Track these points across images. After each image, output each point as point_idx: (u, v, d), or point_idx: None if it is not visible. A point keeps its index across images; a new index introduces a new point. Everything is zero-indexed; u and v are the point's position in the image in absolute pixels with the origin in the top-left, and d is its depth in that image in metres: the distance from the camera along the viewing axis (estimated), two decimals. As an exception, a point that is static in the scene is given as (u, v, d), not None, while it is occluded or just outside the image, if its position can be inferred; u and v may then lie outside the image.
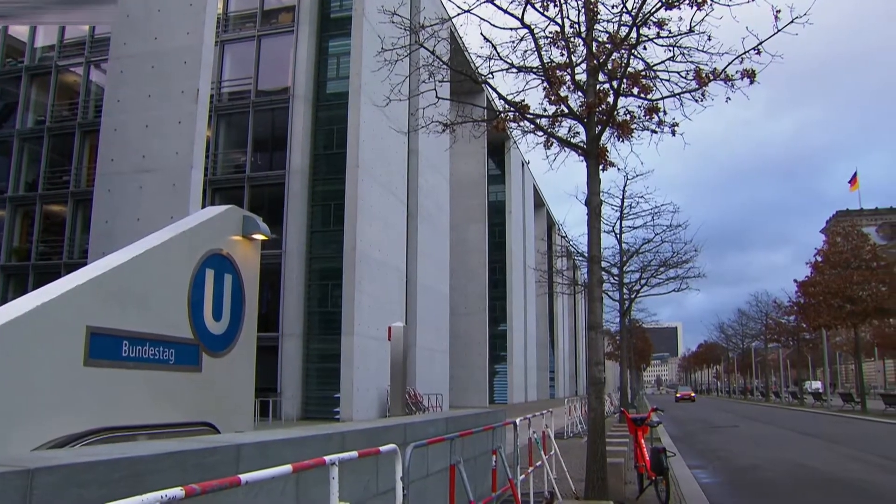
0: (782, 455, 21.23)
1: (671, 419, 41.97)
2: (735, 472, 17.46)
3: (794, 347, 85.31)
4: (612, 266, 29.36)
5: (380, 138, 35.45)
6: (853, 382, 67.60)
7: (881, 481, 15.33)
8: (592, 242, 11.05)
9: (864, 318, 49.95)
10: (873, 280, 47.95)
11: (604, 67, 10.89)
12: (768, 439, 27.47)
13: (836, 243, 53.48)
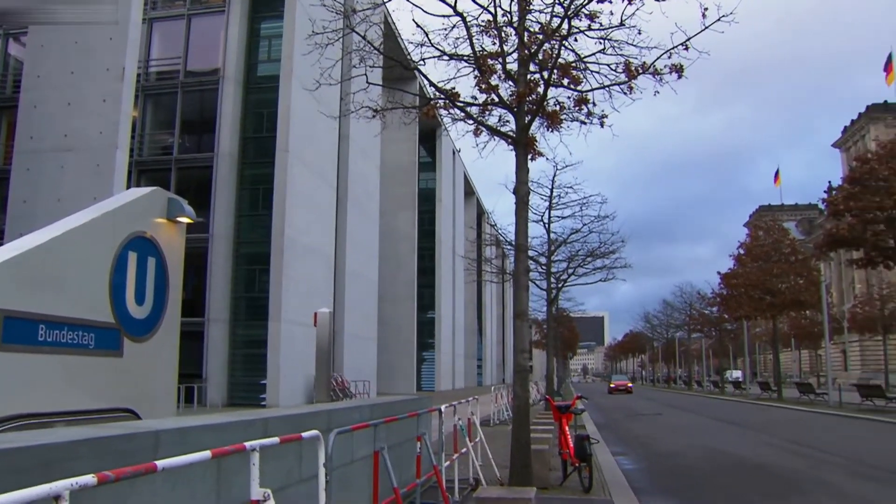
0: (701, 441, 21.75)
1: (596, 407, 42.57)
2: (656, 458, 17.82)
3: (717, 337, 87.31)
4: (539, 255, 29.60)
5: (310, 123, 35.06)
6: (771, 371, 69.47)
7: (789, 465, 15.90)
8: (519, 231, 11.12)
9: (783, 309, 51.39)
10: (792, 273, 49.32)
11: (535, 57, 10.94)
12: (689, 427, 28.08)
13: (758, 237, 54.88)
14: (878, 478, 14.00)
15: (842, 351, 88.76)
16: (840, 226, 33.55)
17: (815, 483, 13.26)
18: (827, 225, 38.13)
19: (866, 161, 34.51)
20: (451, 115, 11.55)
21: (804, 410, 36.14)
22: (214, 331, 34.43)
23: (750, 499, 11.75)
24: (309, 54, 11.14)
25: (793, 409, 37.24)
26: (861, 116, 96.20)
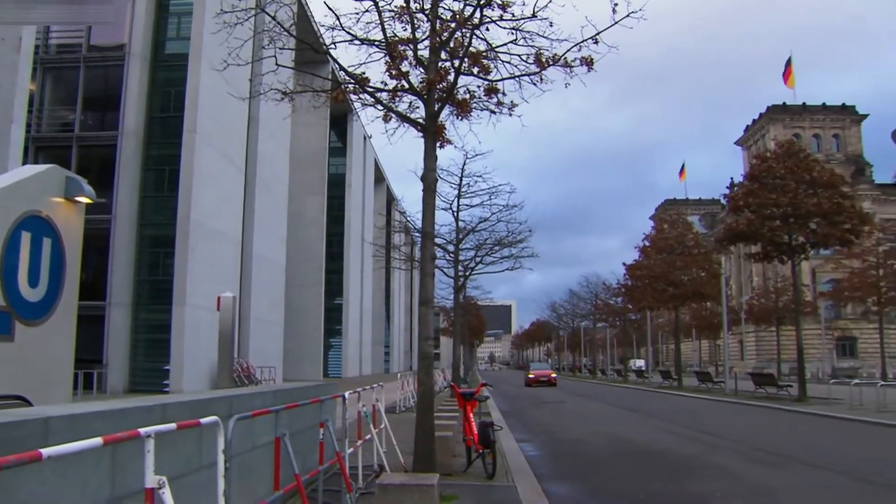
0: (604, 429, 22.21)
1: (501, 395, 43.02)
2: (560, 444, 18.15)
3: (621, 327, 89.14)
4: (448, 243, 29.71)
5: (219, 104, 34.23)
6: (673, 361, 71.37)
7: (686, 450, 16.43)
8: (426, 218, 11.13)
9: (685, 300, 52.82)
10: (694, 265, 50.72)
11: (446, 45, 10.94)
12: (592, 414, 28.63)
13: (663, 230, 56.25)
14: (768, 461, 14.54)
15: (739, 341, 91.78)
16: (739, 221, 34.58)
17: (710, 467, 13.72)
18: (727, 220, 39.28)
19: (765, 160, 35.66)
20: (361, 101, 11.47)
21: (702, 398, 37.25)
22: (116, 315, 33.48)
23: (649, 483, 12.05)
24: (217, 33, 10.90)
25: (692, 397, 38.34)
26: (762, 116, 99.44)
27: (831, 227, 32.41)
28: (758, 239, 34.14)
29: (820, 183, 32.83)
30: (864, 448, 17.14)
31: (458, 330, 37.58)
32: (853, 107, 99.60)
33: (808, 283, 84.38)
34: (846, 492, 11.43)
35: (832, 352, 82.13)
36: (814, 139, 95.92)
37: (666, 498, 10.75)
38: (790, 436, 19.94)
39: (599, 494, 11.35)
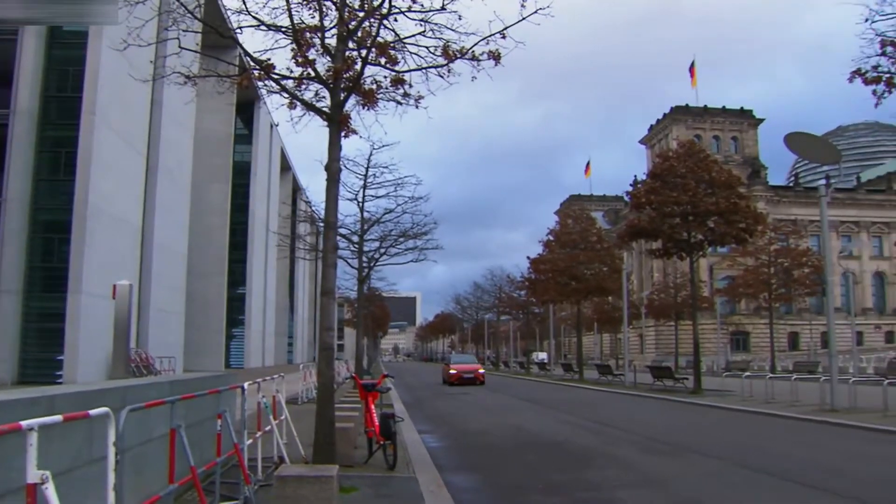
0: (506, 420, 22.43)
1: (404, 386, 43.10)
2: (461, 436, 18.28)
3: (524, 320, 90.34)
4: (352, 234, 29.57)
5: (120, 85, 33.12)
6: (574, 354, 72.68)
7: (585, 441, 16.78)
8: (329, 208, 11.02)
9: (587, 294, 53.73)
10: (596, 261, 51.60)
11: (353, 34, 10.83)
12: (495, 406, 28.89)
13: (566, 225, 57.02)
14: (662, 451, 14.99)
15: (639, 335, 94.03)
16: (641, 218, 35.32)
17: (608, 457, 14.02)
18: (630, 216, 40.09)
19: (667, 159, 36.48)
20: (266, 88, 11.28)
21: (602, 390, 37.99)
22: (5, 302, 32.14)
23: (548, 474, 12.22)
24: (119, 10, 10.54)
25: (592, 390, 39.07)
26: (665, 117, 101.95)
27: (728, 225, 33.39)
28: (658, 236, 34.93)
29: (718, 183, 33.76)
30: (751, 437, 17.76)
31: (361, 321, 37.43)
32: (751, 111, 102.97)
33: (706, 280, 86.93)
34: (731, 478, 11.86)
35: (727, 346, 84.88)
36: (714, 140, 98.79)
37: (564, 488, 10.90)
38: (684, 427, 20.50)
39: (499, 485, 11.46)
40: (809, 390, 25.68)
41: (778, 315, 76.05)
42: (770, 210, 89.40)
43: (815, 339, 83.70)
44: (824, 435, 17.91)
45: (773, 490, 10.90)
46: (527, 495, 10.45)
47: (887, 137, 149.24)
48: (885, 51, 15.85)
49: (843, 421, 19.52)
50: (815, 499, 10.29)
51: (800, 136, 23.53)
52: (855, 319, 68.39)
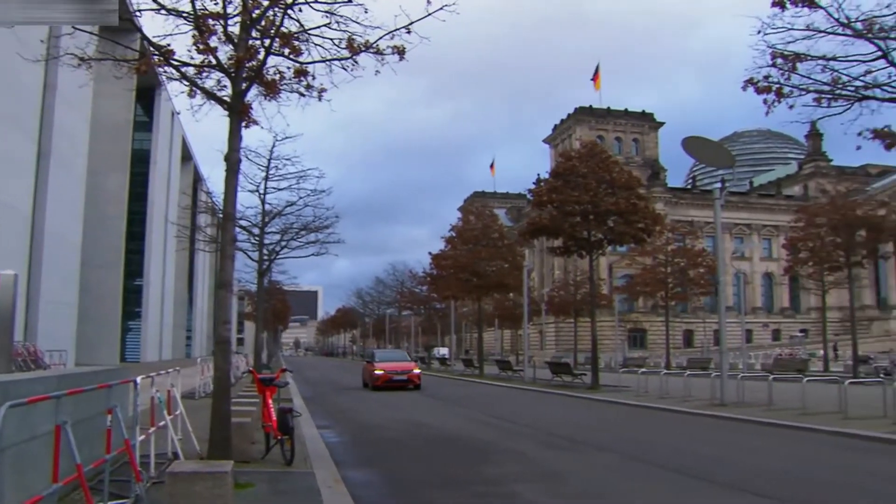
0: (406, 415, 22.43)
1: (304, 381, 42.68)
2: (360, 431, 18.21)
3: (426, 315, 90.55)
4: (253, 226, 29.09)
5: (9, 66, 31.63)
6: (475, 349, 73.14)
7: (484, 436, 16.94)
8: (228, 199, 10.81)
9: (488, 291, 54.12)
10: (498, 257, 51.99)
11: (257, 23, 10.63)
12: (395, 401, 28.81)
13: (469, 221, 57.27)
14: (559, 446, 15.29)
15: (539, 331, 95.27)
16: (543, 216, 35.75)
17: (507, 452, 14.15)
18: (532, 214, 40.53)
19: (570, 158, 37.00)
20: (166, 74, 10.99)
21: (502, 386, 38.35)
22: None
23: (447, 468, 12.30)
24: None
25: (492, 385, 39.41)
26: (569, 117, 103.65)
27: (627, 225, 34.08)
28: (559, 234, 35.40)
29: (619, 183, 34.41)
30: (645, 431, 18.25)
31: (261, 315, 36.84)
32: (652, 114, 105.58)
33: (605, 278, 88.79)
34: (625, 471, 12.20)
35: (624, 343, 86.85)
36: (616, 142, 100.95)
37: (463, 482, 10.97)
38: (581, 421, 20.87)
39: (398, 480, 11.45)
40: (701, 386, 26.49)
41: (674, 313, 78.23)
42: (668, 211, 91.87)
43: (708, 336, 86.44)
44: (714, 428, 18.53)
45: (663, 481, 11.24)
46: (425, 490, 10.47)
47: (778, 145, 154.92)
48: (775, 62, 16.52)
49: (731, 415, 20.22)
50: (702, 488, 10.67)
51: (696, 140, 24.21)
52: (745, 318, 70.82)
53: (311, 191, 28.40)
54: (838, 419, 17.92)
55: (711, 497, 10.20)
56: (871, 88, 16.51)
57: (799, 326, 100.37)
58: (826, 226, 44.68)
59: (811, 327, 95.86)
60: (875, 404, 18.41)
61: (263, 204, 28.32)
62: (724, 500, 9.99)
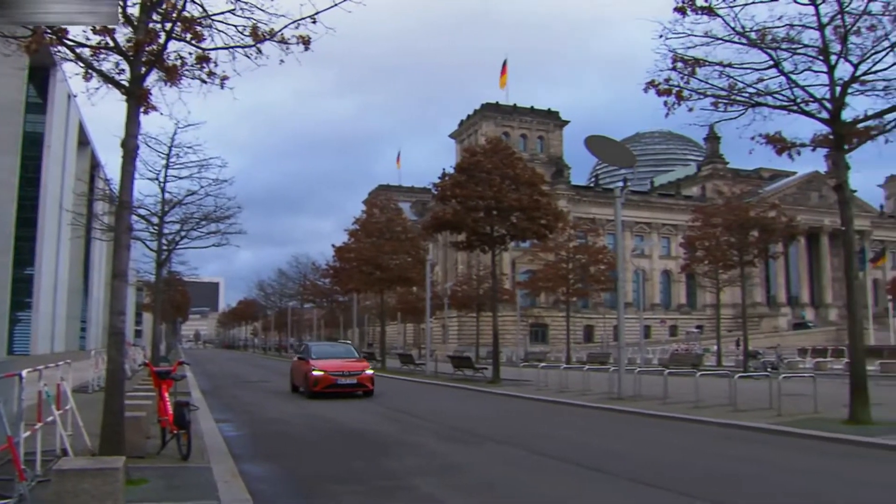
0: (306, 409, 22.25)
1: (203, 374, 41.97)
2: (260, 424, 18.04)
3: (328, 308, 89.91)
4: (152, 214, 28.33)
5: None
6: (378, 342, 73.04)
7: (385, 430, 16.98)
8: (124, 187, 10.48)
9: (391, 284, 54.08)
10: (401, 251, 51.99)
11: (158, 6, 10.33)
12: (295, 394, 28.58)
13: (373, 214, 57.09)
14: (459, 439, 15.41)
15: (442, 325, 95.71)
16: (446, 210, 35.87)
17: (407, 445, 14.22)
18: (436, 208, 40.65)
19: (474, 154, 37.18)
20: (61, 55, 10.58)
21: (404, 379, 38.37)
22: None
23: (347, 462, 12.23)
24: None
25: (394, 379, 39.35)
26: (476, 113, 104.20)
27: (530, 221, 34.45)
28: (462, 228, 35.59)
29: (522, 180, 34.75)
30: (544, 424, 18.56)
31: (159, 306, 35.93)
32: (557, 113, 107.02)
33: (508, 273, 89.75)
34: (523, 463, 12.34)
35: (526, 337, 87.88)
36: (521, 138, 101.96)
37: (363, 476, 10.94)
38: (481, 415, 21.02)
39: (297, 474, 11.37)
40: (600, 380, 27.01)
41: (575, 309, 79.57)
42: (571, 208, 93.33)
43: (608, 331, 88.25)
44: (611, 421, 18.93)
45: (561, 473, 11.43)
46: (324, 484, 10.39)
47: (678, 146, 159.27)
48: (675, 66, 17.08)
49: (627, 408, 20.69)
50: (599, 480, 10.91)
51: (599, 139, 24.65)
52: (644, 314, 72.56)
53: (214, 180, 27.79)
54: (728, 411, 18.57)
55: (608, 488, 10.41)
56: (764, 95, 17.26)
57: (695, 323, 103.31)
58: (721, 226, 46.08)
59: (706, 323, 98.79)
60: (762, 397, 19.09)
61: (163, 192, 27.60)
62: (619, 492, 10.20)
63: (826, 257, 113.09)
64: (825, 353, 53.20)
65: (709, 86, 17.36)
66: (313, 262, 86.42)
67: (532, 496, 9.79)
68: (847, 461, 12.59)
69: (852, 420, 15.93)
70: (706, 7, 16.17)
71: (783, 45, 16.57)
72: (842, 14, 15.79)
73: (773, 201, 61.45)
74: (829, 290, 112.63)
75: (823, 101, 16.81)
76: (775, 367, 39.11)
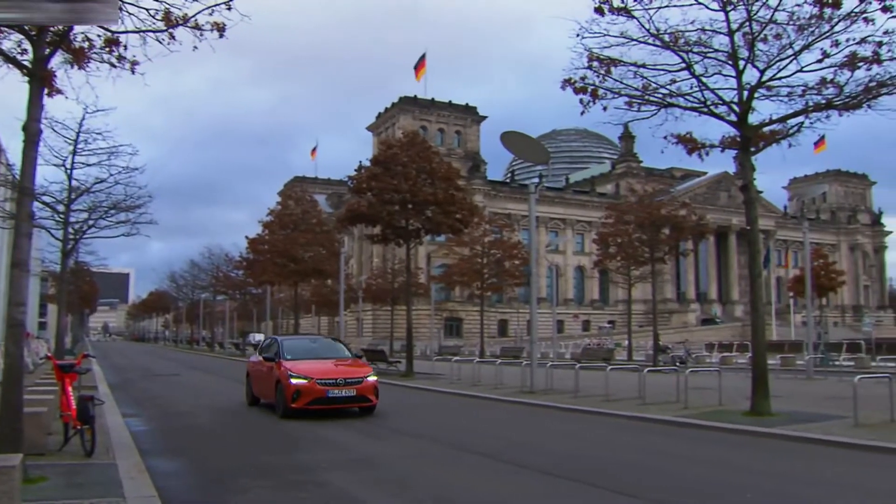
0: (218, 402, 22.04)
1: (112, 367, 41.02)
2: (170, 419, 17.73)
3: (241, 301, 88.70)
4: (57, 202, 27.43)
5: None
6: (292, 336, 72.34)
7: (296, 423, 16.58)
8: (25, 173, 10.07)
9: (305, 277, 53.62)
10: (316, 243, 51.60)
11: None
12: (206, 387, 28.26)
13: (288, 205, 56.47)
14: (371, 433, 15.39)
15: (357, 319, 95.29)
16: (361, 202, 35.67)
17: (319, 440, 14.14)
18: (351, 201, 40.41)
19: (391, 146, 37.06)
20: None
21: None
22: None
23: (258, 455, 12.13)
24: None
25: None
26: (394, 106, 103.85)
27: (445, 215, 34.53)
28: (377, 221, 35.44)
29: (438, 174, 34.77)
30: (456, 418, 18.73)
31: (63, 297, 34.88)
32: (475, 108, 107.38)
33: (423, 267, 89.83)
34: (436, 457, 12.45)
35: (440, 331, 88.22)
36: (439, 133, 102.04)
37: (275, 470, 10.82)
38: (395, 409, 20.96)
39: (207, 468, 11.20)
40: (513, 374, 27.27)
41: (489, 303, 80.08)
42: (487, 203, 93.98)
43: (522, 326, 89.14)
44: (523, 414, 19.15)
45: (473, 466, 11.52)
46: (236, 479, 10.23)
47: (594, 144, 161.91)
48: (591, 65, 17.37)
49: (539, 402, 20.96)
50: (510, 472, 11.00)
51: (514, 135, 24.87)
52: (557, 309, 73.65)
53: (124, 168, 26.98)
54: (637, 405, 18.93)
55: (520, 480, 10.48)
56: (676, 97, 17.71)
57: (607, 318, 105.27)
58: (633, 223, 46.98)
59: (618, 319, 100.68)
60: (670, 390, 19.54)
61: (70, 179, 26.72)
62: (531, 483, 10.28)
63: (734, 255, 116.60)
64: (731, 348, 54.82)
65: (623, 85, 17.71)
66: (226, 254, 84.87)
67: (444, 489, 9.83)
68: (745, 451, 12.97)
69: (754, 412, 16.44)
70: (623, 8, 16.45)
71: (695, 49, 17.00)
72: (750, 21, 16.29)
73: (684, 200, 63.19)
74: (736, 287, 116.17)
75: (732, 105, 17.33)
76: (683, 362, 40.14)
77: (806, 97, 16.87)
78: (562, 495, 9.57)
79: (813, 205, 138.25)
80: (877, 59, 15.61)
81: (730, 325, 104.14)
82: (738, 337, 79.74)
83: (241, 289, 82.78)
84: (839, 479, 10.51)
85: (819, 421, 15.49)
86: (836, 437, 13.48)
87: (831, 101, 16.56)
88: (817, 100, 16.75)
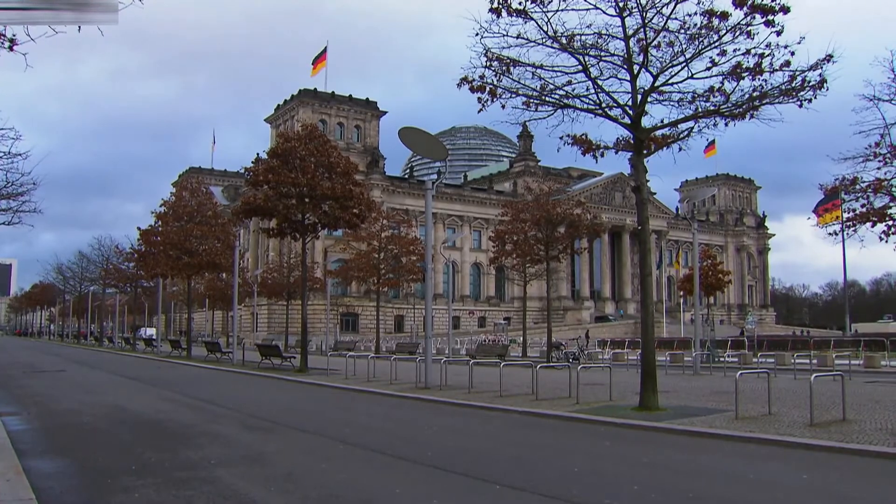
0: (104, 399, 21.42)
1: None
2: (52, 417, 17.17)
3: (132, 294, 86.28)
4: (-68, 189, 26.18)
5: None
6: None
7: (187, 419, 16.67)
8: None
9: (199, 270, 52.55)
10: (211, 236, 50.62)
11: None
12: (94, 384, 27.46)
13: (182, 197, 55.19)
14: (263, 428, 15.32)
15: (252, 313, 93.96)
16: (258, 195, 35.18)
17: (208, 435, 13.94)
18: (248, 193, 39.76)
19: (288, 139, 36.63)
20: None
21: (209, 368, 37.53)
22: None
23: (143, 453, 11.83)
24: None
25: (199, 367, 38.45)
26: (293, 98, 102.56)
27: (342, 210, 34.37)
28: (274, 214, 35.06)
29: (336, 168, 34.60)
30: (349, 413, 18.72)
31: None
32: (375, 103, 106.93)
33: (319, 262, 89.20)
34: (327, 452, 12.36)
35: (336, 326, 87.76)
36: (338, 127, 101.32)
37: (161, 467, 10.61)
38: (287, 404, 20.87)
39: (90, 468, 10.85)
40: (408, 369, 27.41)
41: (386, 299, 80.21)
42: (385, 199, 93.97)
43: (418, 322, 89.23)
44: (416, 410, 19.24)
45: (363, 461, 11.58)
46: (119, 477, 9.97)
47: (493, 142, 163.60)
48: (490, 64, 17.61)
49: (433, 397, 21.13)
50: (400, 467, 11.06)
51: (412, 130, 24.93)
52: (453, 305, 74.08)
53: (5, 153, 25.94)
54: (530, 400, 19.28)
55: (410, 475, 10.57)
56: (572, 98, 18.11)
57: (503, 314, 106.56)
58: (530, 221, 47.69)
59: (514, 315, 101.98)
60: (563, 386, 19.95)
61: (-54, 165, 25.54)
62: (420, 478, 10.38)
63: (627, 254, 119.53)
64: (623, 345, 56.13)
65: (521, 85, 18.01)
66: (117, 245, 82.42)
67: (333, 484, 9.80)
68: (634, 444, 13.39)
69: (642, 406, 16.97)
70: (520, 10, 16.71)
71: (591, 52, 17.43)
72: (645, 28, 16.82)
73: (580, 199, 64.26)
74: (629, 285, 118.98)
75: (626, 108, 17.85)
76: (576, 358, 40.95)
77: (696, 103, 17.53)
78: (450, 489, 9.68)
79: (703, 207, 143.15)
80: (759, 70, 16.32)
81: (623, 323, 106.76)
82: (631, 334, 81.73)
83: (132, 282, 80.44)
84: (719, 469, 11.00)
85: (703, 415, 16.13)
86: (719, 430, 14.14)
87: (719, 108, 17.26)
88: (706, 106, 17.42)
